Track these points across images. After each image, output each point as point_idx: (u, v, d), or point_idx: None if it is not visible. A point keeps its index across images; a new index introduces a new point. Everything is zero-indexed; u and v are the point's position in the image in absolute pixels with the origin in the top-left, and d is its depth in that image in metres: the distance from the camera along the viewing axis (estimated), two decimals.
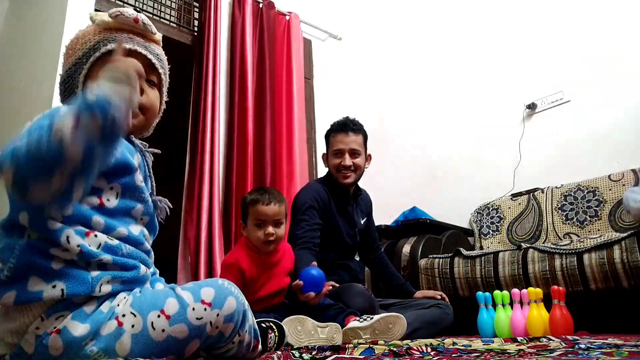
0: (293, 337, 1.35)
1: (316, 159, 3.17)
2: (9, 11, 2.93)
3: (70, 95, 0.91)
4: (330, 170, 2.12)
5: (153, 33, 0.94)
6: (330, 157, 2.10)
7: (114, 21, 0.90)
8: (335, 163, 2.06)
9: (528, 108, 3.00)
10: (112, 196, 0.83)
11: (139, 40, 0.92)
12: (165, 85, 0.98)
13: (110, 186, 0.83)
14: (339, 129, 2.09)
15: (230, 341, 0.86)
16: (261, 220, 1.61)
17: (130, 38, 0.90)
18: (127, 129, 0.74)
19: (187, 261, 2.37)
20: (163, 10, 2.72)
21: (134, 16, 0.90)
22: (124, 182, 0.84)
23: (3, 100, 2.63)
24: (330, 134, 2.13)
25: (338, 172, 2.06)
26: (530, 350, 1.05)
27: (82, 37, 0.92)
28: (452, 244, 2.69)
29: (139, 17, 0.91)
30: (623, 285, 1.84)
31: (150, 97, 0.93)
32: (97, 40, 0.89)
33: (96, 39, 0.90)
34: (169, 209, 0.99)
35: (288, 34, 3.09)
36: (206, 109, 2.52)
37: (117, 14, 0.89)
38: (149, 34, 0.94)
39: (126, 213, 0.85)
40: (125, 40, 0.89)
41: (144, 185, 0.88)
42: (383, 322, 1.48)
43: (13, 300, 0.73)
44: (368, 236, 2.24)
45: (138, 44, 0.91)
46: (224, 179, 2.59)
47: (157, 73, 0.95)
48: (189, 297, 0.80)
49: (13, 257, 0.74)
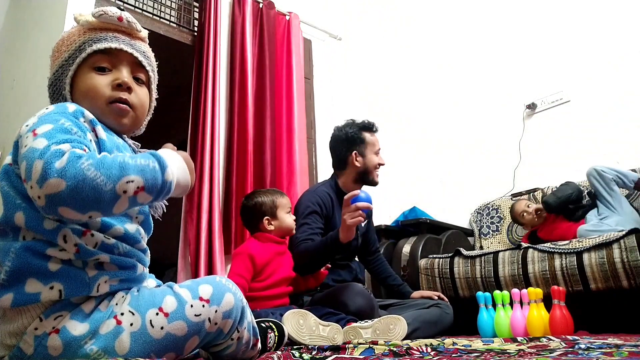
0: (294, 330, 1.36)
1: (316, 159, 3.16)
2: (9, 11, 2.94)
3: (59, 98, 0.91)
4: (364, 168, 2.06)
5: (138, 30, 0.94)
6: (371, 154, 2.08)
7: (98, 21, 0.90)
8: (376, 162, 2.08)
9: (528, 108, 3.00)
10: None
11: (124, 38, 0.92)
12: (154, 82, 0.99)
13: None
14: (372, 129, 2.12)
15: (229, 338, 0.86)
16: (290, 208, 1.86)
17: (115, 37, 0.90)
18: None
19: (187, 261, 2.37)
20: (163, 10, 2.72)
21: (118, 14, 0.90)
22: None
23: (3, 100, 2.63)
24: (364, 131, 2.10)
25: (375, 170, 2.08)
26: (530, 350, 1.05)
27: (67, 39, 0.91)
28: (452, 244, 2.69)
29: (123, 15, 0.91)
30: (623, 285, 1.84)
31: (139, 95, 0.93)
32: (83, 41, 0.89)
33: (81, 39, 0.89)
34: (165, 207, 1.00)
35: (288, 34, 3.08)
36: (206, 108, 2.52)
37: (101, 14, 0.89)
38: (134, 31, 0.94)
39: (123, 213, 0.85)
40: (111, 39, 0.89)
41: None
42: (384, 322, 1.49)
43: (10, 302, 0.73)
44: (367, 238, 2.24)
45: (124, 42, 0.91)
46: (224, 179, 2.59)
47: (144, 71, 0.95)
48: (186, 294, 0.80)
49: (9, 260, 0.74)
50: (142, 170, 0.71)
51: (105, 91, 0.88)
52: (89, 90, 0.88)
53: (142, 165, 0.72)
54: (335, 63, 3.59)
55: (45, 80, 0.95)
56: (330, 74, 3.50)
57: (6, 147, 2.44)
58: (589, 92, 2.75)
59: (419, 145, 3.51)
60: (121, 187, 0.69)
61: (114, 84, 0.89)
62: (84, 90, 0.88)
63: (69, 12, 2.20)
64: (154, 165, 0.73)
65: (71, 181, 0.66)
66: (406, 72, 3.69)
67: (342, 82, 3.60)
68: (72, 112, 0.80)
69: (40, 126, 0.74)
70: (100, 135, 0.83)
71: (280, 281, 1.75)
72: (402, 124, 3.62)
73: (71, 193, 0.66)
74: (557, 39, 2.93)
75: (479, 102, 3.24)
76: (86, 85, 0.88)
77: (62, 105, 0.82)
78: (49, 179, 0.66)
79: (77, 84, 0.89)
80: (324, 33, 3.53)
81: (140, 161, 0.72)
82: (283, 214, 1.83)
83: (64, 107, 0.81)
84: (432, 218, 2.95)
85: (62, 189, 0.66)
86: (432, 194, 3.31)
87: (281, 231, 1.82)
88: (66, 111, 0.80)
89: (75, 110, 0.81)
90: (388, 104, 3.71)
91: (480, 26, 3.32)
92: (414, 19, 3.71)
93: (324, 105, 3.35)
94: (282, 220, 1.82)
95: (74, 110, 0.81)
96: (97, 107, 0.88)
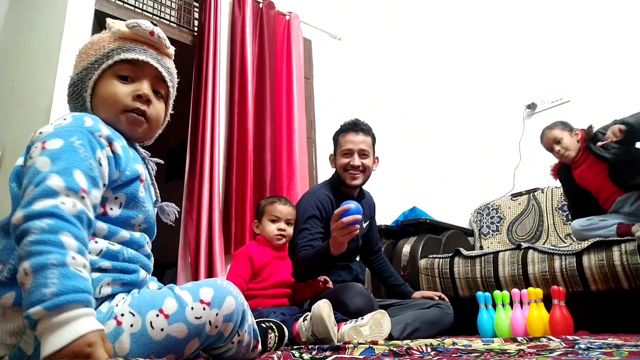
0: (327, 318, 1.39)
1: (316, 159, 3.16)
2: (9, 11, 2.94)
3: (79, 98, 0.92)
4: (337, 171, 2.05)
5: (167, 47, 0.97)
6: (339, 157, 2.04)
7: (131, 32, 0.92)
8: (343, 163, 2.00)
9: (528, 108, 3.00)
10: (115, 206, 0.84)
11: (152, 52, 0.94)
12: (172, 98, 1.01)
13: (115, 196, 0.84)
14: (349, 129, 2.03)
15: (230, 341, 0.86)
16: (276, 217, 1.84)
17: (144, 50, 0.92)
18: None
19: (187, 261, 2.37)
20: (163, 10, 2.72)
21: (150, 29, 0.92)
22: (129, 193, 0.86)
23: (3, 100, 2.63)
24: (340, 134, 2.07)
25: (346, 172, 2.00)
26: (530, 350, 1.05)
27: (96, 43, 0.93)
28: (452, 244, 2.69)
29: (155, 30, 0.93)
30: (623, 287, 1.84)
31: (157, 108, 0.95)
32: (112, 48, 0.91)
33: (110, 46, 0.91)
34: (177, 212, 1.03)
35: (288, 34, 3.08)
36: (206, 109, 2.52)
37: (134, 25, 0.91)
38: (163, 47, 0.96)
39: (126, 222, 0.86)
40: (139, 51, 0.92)
41: (145, 195, 0.90)
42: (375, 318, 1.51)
43: (12, 301, 0.74)
44: (369, 238, 2.23)
45: (151, 55, 0.93)
46: (224, 179, 2.59)
47: (165, 86, 0.97)
48: (187, 297, 0.80)
49: (12, 258, 0.75)
50: (40, 284, 0.64)
51: (124, 100, 0.90)
52: (109, 97, 0.90)
53: (45, 284, 0.64)
54: (335, 63, 3.59)
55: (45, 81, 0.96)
56: (330, 74, 3.50)
57: (6, 147, 2.44)
58: (589, 92, 2.75)
59: (419, 145, 3.51)
60: (21, 271, 0.66)
61: (134, 95, 0.91)
62: (104, 95, 0.90)
63: (69, 12, 2.19)
64: (51, 291, 0.64)
65: (24, 228, 0.67)
66: (406, 72, 3.69)
67: (342, 82, 3.60)
68: (88, 128, 0.80)
69: (51, 139, 0.75)
70: (116, 151, 0.84)
71: (278, 284, 1.77)
72: (402, 124, 3.62)
73: (19, 234, 0.68)
74: (557, 39, 2.93)
75: (479, 102, 3.24)
76: (107, 92, 0.90)
77: (79, 118, 0.82)
78: (23, 209, 0.68)
79: (99, 88, 0.90)
80: (324, 33, 3.53)
81: (50, 284, 0.65)
82: (265, 220, 1.84)
83: (81, 120, 0.81)
84: (432, 218, 2.95)
85: (19, 223, 0.68)
86: (432, 194, 3.31)
87: (264, 237, 1.84)
88: (82, 126, 0.80)
89: (92, 126, 0.81)
90: (388, 104, 3.71)
91: (480, 26, 3.32)
92: (414, 19, 3.71)
93: (324, 105, 3.35)
94: (263, 226, 1.85)
95: (90, 126, 0.81)
96: (112, 114, 0.90)
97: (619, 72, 2.65)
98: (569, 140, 2.20)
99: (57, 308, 0.63)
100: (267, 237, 1.82)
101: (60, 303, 0.64)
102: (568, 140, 2.21)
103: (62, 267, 0.66)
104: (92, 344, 0.64)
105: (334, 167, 2.09)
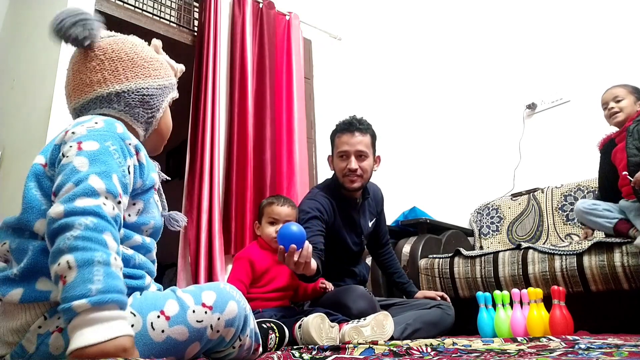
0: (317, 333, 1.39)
1: (316, 159, 3.16)
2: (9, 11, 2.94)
3: (149, 110, 0.94)
4: (335, 174, 1.95)
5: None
6: (336, 159, 1.93)
7: (178, 71, 1.03)
8: (340, 167, 1.89)
9: (528, 108, 3.00)
10: (133, 212, 0.85)
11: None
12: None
13: (134, 202, 0.85)
14: (344, 129, 1.91)
15: (231, 346, 0.86)
16: (274, 219, 1.80)
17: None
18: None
19: (187, 261, 2.37)
20: (163, 10, 2.72)
21: (181, 69, 1.07)
22: (146, 200, 0.87)
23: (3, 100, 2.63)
24: (335, 134, 1.95)
25: (344, 177, 1.89)
26: (530, 350, 1.05)
27: (165, 66, 0.99)
28: (452, 244, 2.69)
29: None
30: (623, 287, 1.84)
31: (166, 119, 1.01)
32: (174, 83, 1.01)
33: (173, 81, 1.01)
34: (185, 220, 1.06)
35: (288, 34, 3.08)
36: (206, 109, 2.52)
37: (182, 70, 1.05)
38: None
39: (139, 227, 0.87)
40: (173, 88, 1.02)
41: (158, 202, 0.93)
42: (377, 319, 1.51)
43: (20, 297, 0.73)
44: (377, 232, 2.18)
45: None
46: (224, 179, 2.59)
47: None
48: (189, 300, 0.80)
49: (25, 256, 0.75)
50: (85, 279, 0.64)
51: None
52: (169, 129, 1.02)
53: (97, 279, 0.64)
54: (335, 63, 3.59)
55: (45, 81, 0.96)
56: (330, 74, 3.50)
57: (6, 147, 2.44)
58: (589, 92, 2.75)
59: (419, 145, 3.51)
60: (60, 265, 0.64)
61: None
62: (168, 124, 1.01)
63: None
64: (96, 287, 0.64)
65: (66, 222, 0.66)
66: (406, 72, 3.69)
67: (342, 82, 3.60)
68: (120, 134, 0.81)
69: (87, 141, 0.76)
70: (141, 160, 0.86)
71: (279, 289, 1.76)
72: (402, 124, 3.62)
73: (58, 227, 0.67)
74: (557, 40, 2.93)
75: (479, 102, 3.24)
76: (169, 122, 1.01)
77: (111, 123, 0.82)
78: (64, 204, 0.68)
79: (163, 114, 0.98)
80: (324, 33, 3.53)
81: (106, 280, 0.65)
82: (264, 222, 1.83)
83: (113, 126, 0.81)
84: (432, 218, 2.95)
85: (59, 217, 0.67)
86: (432, 194, 3.31)
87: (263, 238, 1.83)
88: (115, 132, 0.80)
89: (123, 133, 0.82)
90: (388, 104, 3.71)
91: (480, 26, 3.32)
92: (414, 19, 3.71)
93: (324, 105, 3.34)
94: (262, 228, 1.84)
95: (121, 133, 0.82)
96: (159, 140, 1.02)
97: (619, 72, 2.65)
98: (628, 104, 2.09)
99: (100, 304, 0.63)
100: (267, 239, 1.81)
101: (104, 301, 0.64)
102: (627, 104, 2.09)
103: (107, 265, 0.66)
104: (126, 349, 0.64)
105: (332, 169, 2.00)
